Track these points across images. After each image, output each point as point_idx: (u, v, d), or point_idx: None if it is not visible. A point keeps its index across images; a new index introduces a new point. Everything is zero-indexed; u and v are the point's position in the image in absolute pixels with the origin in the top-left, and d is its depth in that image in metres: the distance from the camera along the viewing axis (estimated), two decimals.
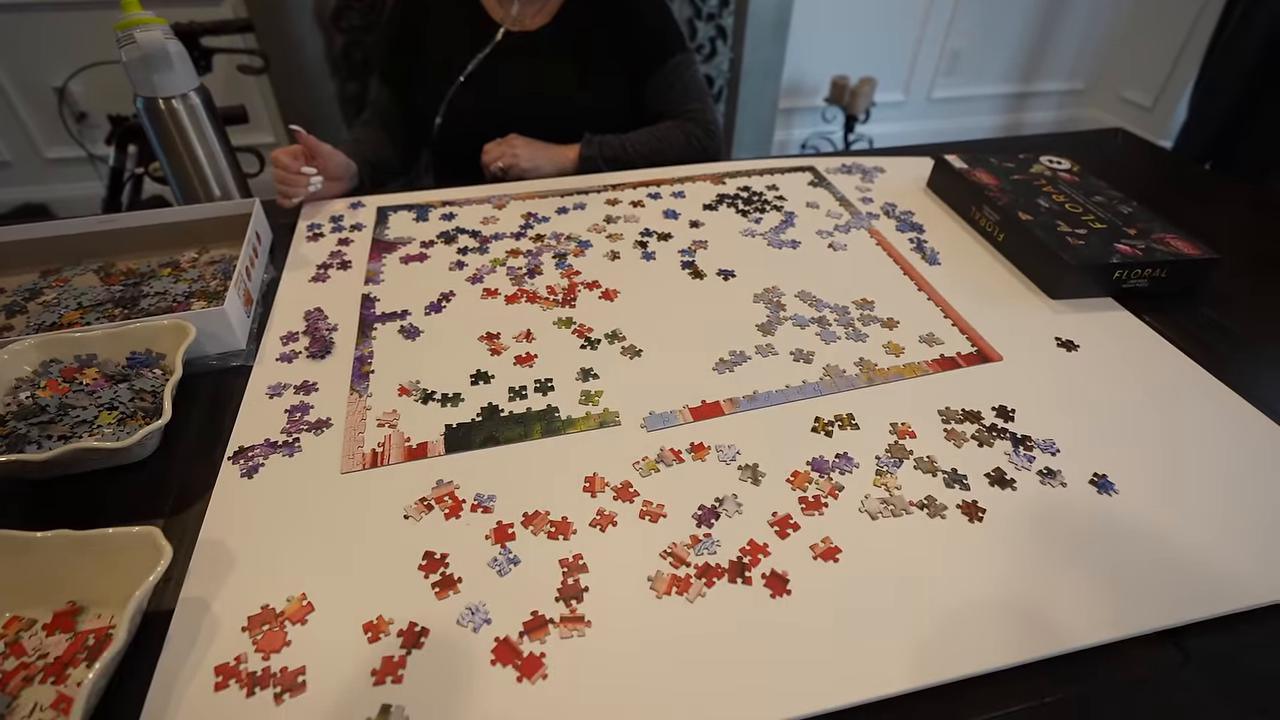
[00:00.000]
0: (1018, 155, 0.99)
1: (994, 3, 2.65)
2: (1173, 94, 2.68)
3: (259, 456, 0.59)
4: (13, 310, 0.75)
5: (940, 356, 0.69)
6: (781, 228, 0.89)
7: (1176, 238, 0.81)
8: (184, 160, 0.84)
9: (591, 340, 0.71)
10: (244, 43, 1.98)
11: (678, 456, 0.59)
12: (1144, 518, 0.54)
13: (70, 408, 0.60)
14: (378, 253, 0.84)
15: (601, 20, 1.03)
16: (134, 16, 0.76)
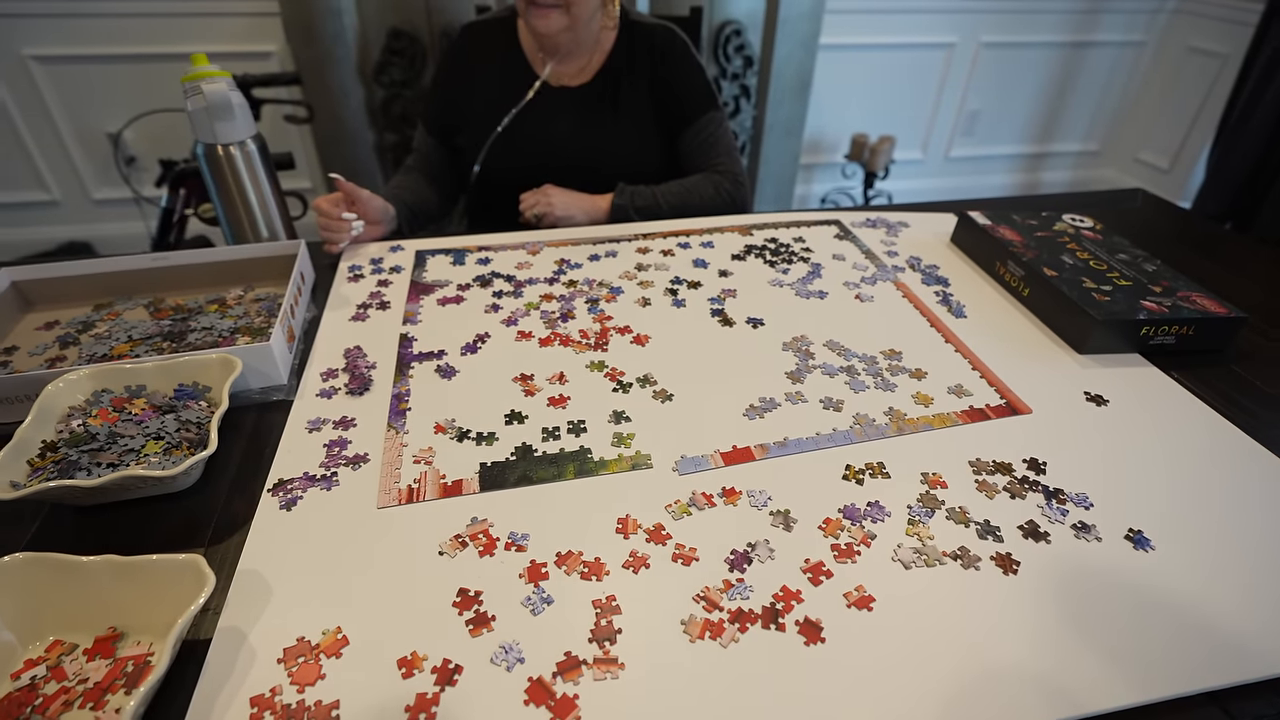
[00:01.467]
0: (1040, 213, 1.01)
1: (1010, 66, 2.73)
2: (1190, 156, 2.71)
3: (298, 489, 0.60)
4: (66, 341, 0.78)
5: (970, 408, 0.70)
6: (809, 278, 0.91)
7: (1202, 296, 0.82)
8: (237, 203, 0.88)
9: (623, 384, 0.72)
10: (289, 94, 2.09)
11: (709, 500, 0.59)
12: (1182, 575, 0.53)
13: (119, 436, 0.62)
14: (416, 294, 0.87)
15: (639, 79, 1.08)
16: (201, 70, 0.81)
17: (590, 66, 1.09)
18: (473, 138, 1.10)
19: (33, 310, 0.84)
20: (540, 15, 0.97)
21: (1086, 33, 2.71)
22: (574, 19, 0.98)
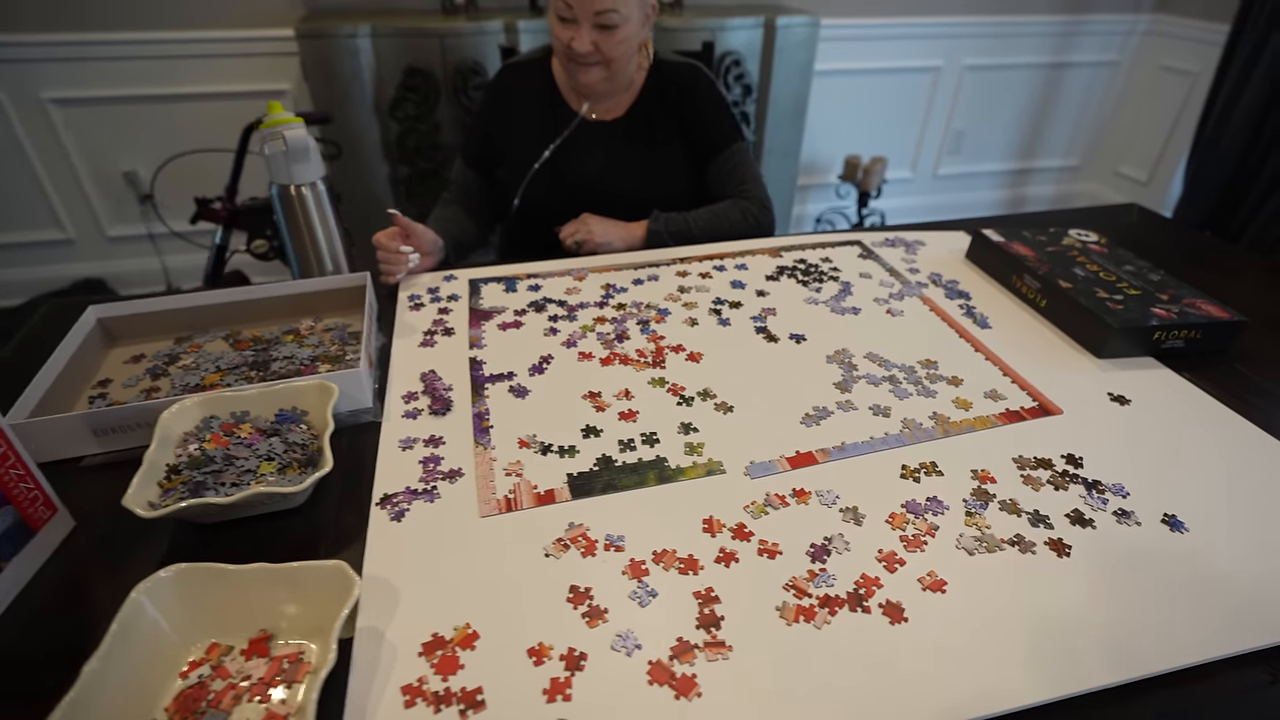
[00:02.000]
0: (1048, 229, 1.09)
1: (992, 87, 2.85)
2: (1167, 169, 2.84)
3: (403, 502, 0.65)
4: (156, 373, 0.83)
5: (1006, 410, 0.76)
6: (841, 296, 0.98)
7: (1205, 302, 0.89)
8: (305, 239, 0.94)
9: (685, 397, 0.78)
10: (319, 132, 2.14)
11: (783, 501, 0.65)
12: (1217, 552, 0.60)
13: (234, 458, 0.66)
14: (477, 320, 0.93)
15: (669, 114, 1.16)
16: (279, 117, 0.87)
17: (623, 103, 1.16)
18: (512, 171, 1.17)
19: (117, 345, 0.89)
20: (584, 71, 1.05)
21: (1064, 54, 2.84)
22: (612, 72, 1.06)
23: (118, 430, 0.71)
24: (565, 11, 1.00)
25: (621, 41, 1.03)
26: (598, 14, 0.99)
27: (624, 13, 1.01)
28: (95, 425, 0.70)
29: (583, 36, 1.01)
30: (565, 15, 1.01)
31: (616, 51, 1.04)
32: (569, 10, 1.00)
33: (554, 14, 1.03)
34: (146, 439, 0.71)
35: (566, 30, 1.02)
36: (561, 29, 1.03)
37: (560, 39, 1.03)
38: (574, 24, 1.01)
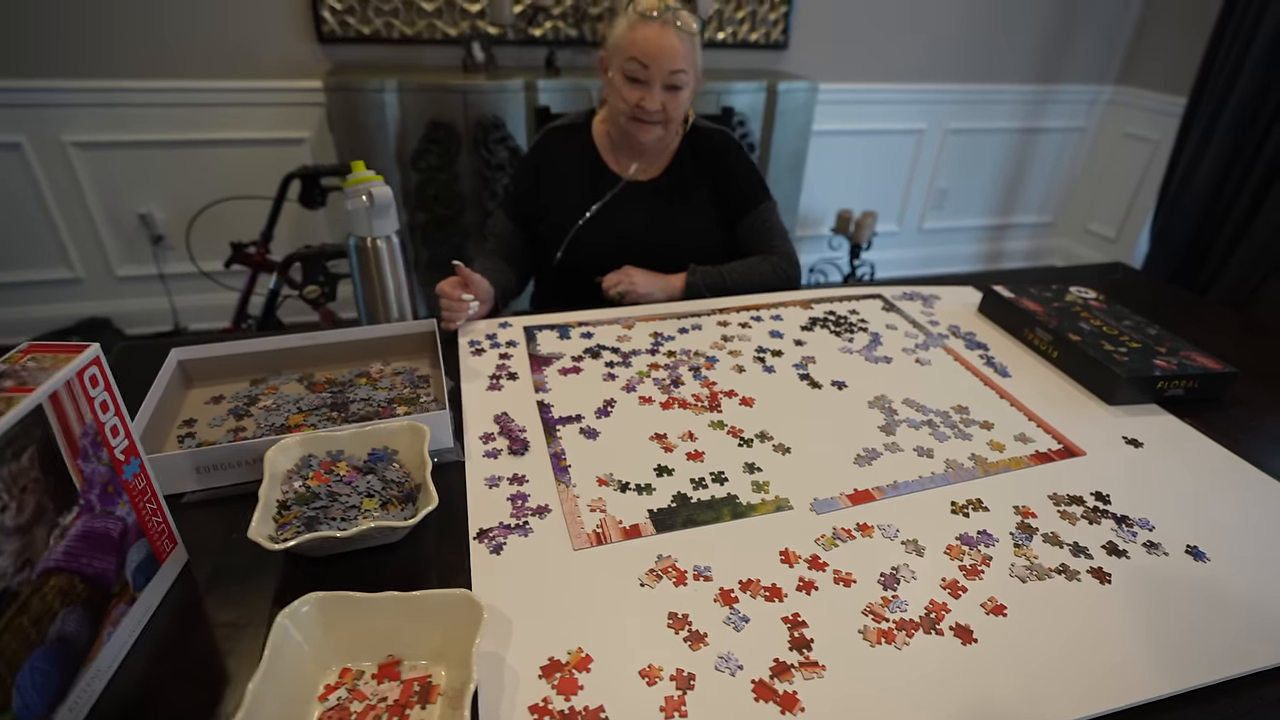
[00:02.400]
0: (1051, 286, 1.19)
1: (972, 149, 3.04)
2: (1134, 226, 3.04)
3: (499, 536, 0.70)
4: (239, 414, 0.87)
5: (1036, 452, 0.84)
6: (872, 346, 1.06)
7: (1198, 355, 0.99)
8: (375, 287, 1.00)
9: (745, 439, 0.85)
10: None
11: (849, 534, 0.71)
12: (1236, 578, 0.67)
13: (337, 495, 0.71)
14: (538, 365, 0.99)
15: (703, 174, 1.25)
16: (364, 175, 0.93)
17: (659, 164, 1.25)
18: (554, 227, 1.24)
19: (194, 386, 0.93)
20: (645, 129, 1.15)
21: (1036, 120, 3.05)
22: (669, 130, 1.18)
23: (217, 468, 0.75)
24: (640, 73, 1.11)
25: (682, 104, 1.15)
26: (671, 73, 1.11)
27: (687, 75, 1.13)
28: (199, 463, 0.74)
29: (653, 96, 1.12)
30: (639, 76, 1.11)
31: (677, 112, 1.16)
32: (644, 72, 1.10)
33: (621, 75, 1.13)
34: (240, 476, 0.76)
35: (636, 91, 1.12)
36: (631, 90, 1.13)
37: (628, 99, 1.13)
38: (645, 85, 1.11)
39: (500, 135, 2.14)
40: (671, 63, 1.10)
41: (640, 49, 1.09)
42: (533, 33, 2.35)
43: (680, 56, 1.10)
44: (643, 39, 1.09)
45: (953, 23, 2.74)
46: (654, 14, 1.09)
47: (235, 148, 2.33)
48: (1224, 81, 2.42)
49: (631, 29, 1.10)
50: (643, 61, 1.09)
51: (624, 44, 1.11)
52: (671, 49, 1.09)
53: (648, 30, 1.09)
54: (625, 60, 1.11)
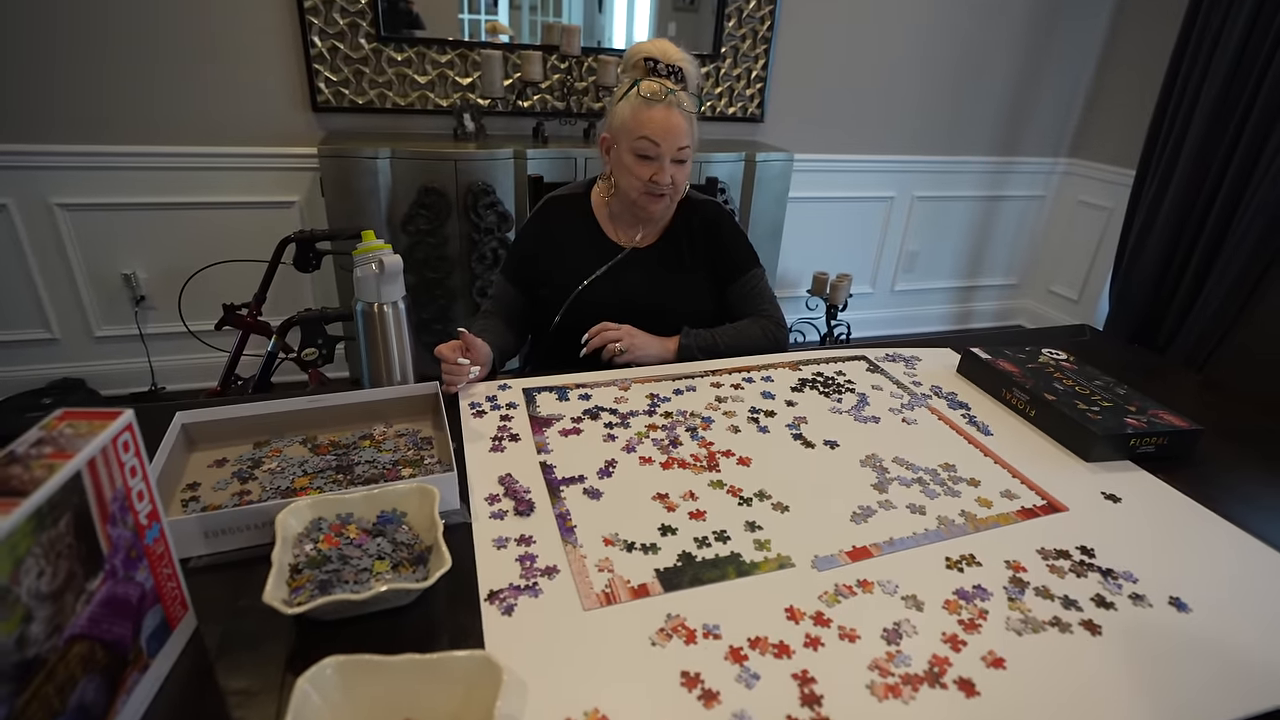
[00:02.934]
0: (1025, 348, 1.26)
1: (940, 215, 3.20)
2: (1094, 288, 3.19)
3: (509, 598, 0.71)
4: (244, 477, 0.87)
5: (1022, 508, 0.88)
6: (860, 406, 1.10)
7: (1166, 413, 1.05)
8: (380, 351, 1.02)
9: (745, 498, 0.87)
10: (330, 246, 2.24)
11: (850, 591, 0.73)
12: (1217, 625, 0.71)
13: (348, 558, 0.71)
14: (538, 427, 1.01)
15: (696, 242, 1.32)
16: (374, 244, 0.97)
17: (656, 231, 1.32)
18: (556, 290, 1.29)
19: (197, 449, 0.93)
20: (657, 201, 1.23)
21: (998, 189, 3.23)
22: (674, 200, 1.26)
23: (225, 532, 0.75)
24: (651, 151, 1.18)
25: (687, 175, 1.24)
26: (679, 149, 1.19)
27: (691, 150, 1.22)
28: (208, 528, 0.74)
29: (664, 170, 1.19)
30: (651, 154, 1.19)
31: (683, 184, 1.24)
32: (656, 149, 1.18)
33: (632, 155, 1.20)
34: (248, 540, 0.76)
35: (649, 167, 1.19)
36: (643, 167, 1.20)
37: (641, 175, 1.20)
38: (656, 161, 1.19)
39: (490, 201, 2.21)
40: (679, 140, 1.18)
41: (651, 129, 1.17)
42: (521, 104, 2.45)
43: (685, 133, 1.19)
44: (651, 120, 1.17)
45: (916, 99, 2.93)
46: (659, 97, 1.16)
47: (224, 210, 2.36)
48: (1168, 155, 2.61)
49: (638, 111, 1.18)
50: (654, 140, 1.17)
51: (633, 125, 1.18)
52: (678, 127, 1.17)
53: (654, 112, 1.17)
54: (636, 140, 1.18)
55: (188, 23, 2.11)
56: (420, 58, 2.32)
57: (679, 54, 1.21)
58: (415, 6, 2.29)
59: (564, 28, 2.32)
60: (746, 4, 2.55)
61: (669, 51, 1.21)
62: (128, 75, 2.12)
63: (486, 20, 2.38)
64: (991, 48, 2.92)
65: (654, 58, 1.19)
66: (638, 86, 1.18)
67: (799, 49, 2.70)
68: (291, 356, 1.68)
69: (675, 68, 1.20)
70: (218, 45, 2.16)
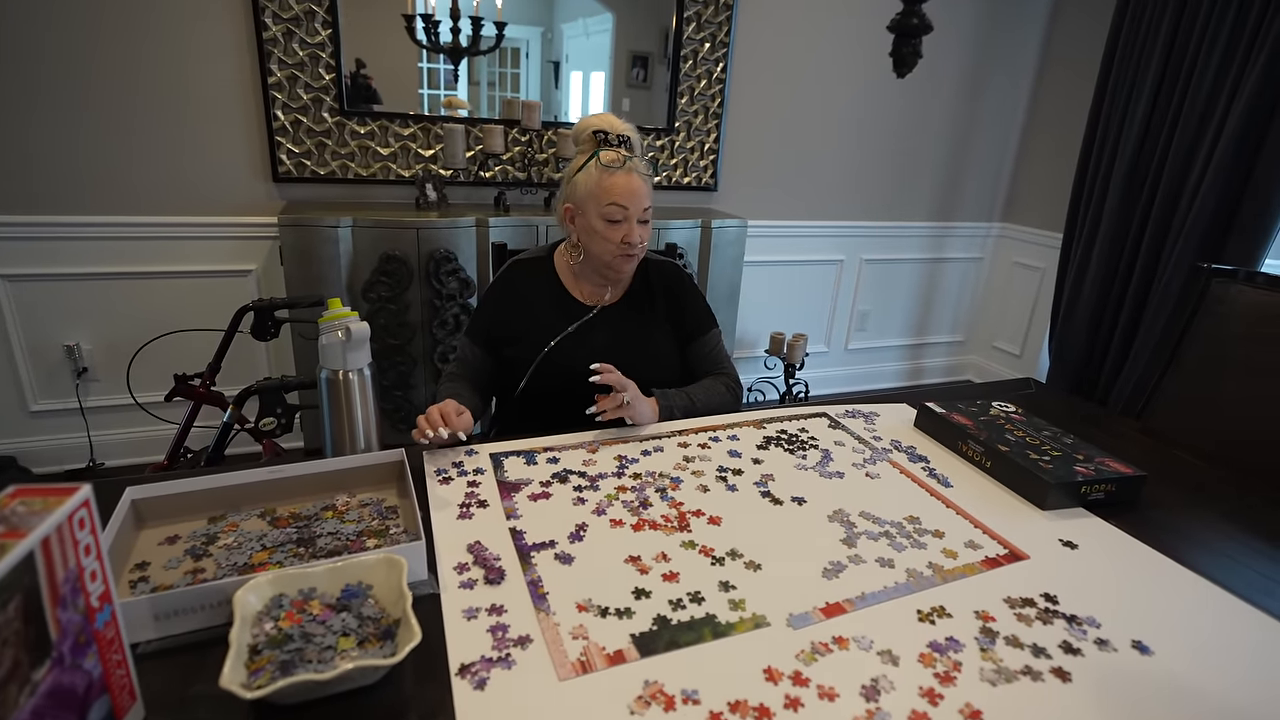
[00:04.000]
0: (976, 401, 1.31)
1: (887, 277, 3.35)
2: (1034, 344, 3.35)
3: (481, 670, 0.69)
4: (198, 554, 0.83)
5: (986, 558, 0.90)
6: (825, 462, 1.12)
7: (1111, 460, 1.10)
8: (344, 419, 1.00)
9: (717, 557, 0.87)
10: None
11: (826, 648, 0.73)
12: (1179, 666, 0.73)
13: (310, 635, 0.68)
14: (507, 492, 1.00)
15: (657, 300, 1.36)
16: (340, 311, 0.97)
17: (619, 291, 1.35)
18: (522, 351, 1.29)
19: (146, 526, 0.89)
20: (628, 261, 1.27)
21: (939, 252, 3.41)
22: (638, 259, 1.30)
23: (177, 614, 0.71)
24: (620, 215, 1.23)
25: (649, 234, 1.28)
26: (645, 210, 1.25)
27: (650, 210, 1.27)
28: (159, 609, 0.70)
29: (634, 230, 1.24)
30: (619, 218, 1.23)
31: (648, 242, 1.28)
32: (624, 213, 1.23)
33: (602, 220, 1.24)
34: (202, 622, 0.73)
35: (619, 230, 1.24)
36: (614, 230, 1.24)
37: (612, 239, 1.24)
38: (625, 223, 1.23)
39: (452, 268, 2.22)
40: (643, 201, 1.24)
41: (617, 195, 1.22)
42: (483, 175, 2.51)
43: (647, 195, 1.25)
44: (616, 185, 1.22)
45: (858, 170, 3.10)
46: (618, 164, 1.22)
47: (178, 279, 2.32)
48: (1090, 218, 2.81)
49: (603, 179, 1.23)
50: (622, 204, 1.22)
51: (600, 193, 1.23)
52: (639, 190, 1.23)
53: (617, 179, 1.22)
54: (605, 206, 1.23)
55: (143, 93, 2.12)
56: (383, 130, 2.37)
57: (623, 125, 1.28)
58: (374, 83, 2.35)
59: (525, 103, 2.41)
60: (698, 83, 2.70)
61: (614, 124, 1.28)
62: (79, 145, 2.10)
63: (445, 95, 2.46)
64: (923, 122, 3.13)
65: (603, 130, 1.26)
66: (598, 157, 1.23)
67: (748, 123, 2.85)
68: (248, 427, 1.63)
69: (624, 137, 1.27)
70: (175, 117, 2.17)
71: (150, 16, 2.07)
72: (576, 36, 2.57)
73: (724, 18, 2.64)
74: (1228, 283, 1.50)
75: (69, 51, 2.02)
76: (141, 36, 2.07)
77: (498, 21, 2.37)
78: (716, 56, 2.69)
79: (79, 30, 2.02)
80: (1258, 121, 2.27)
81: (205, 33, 2.13)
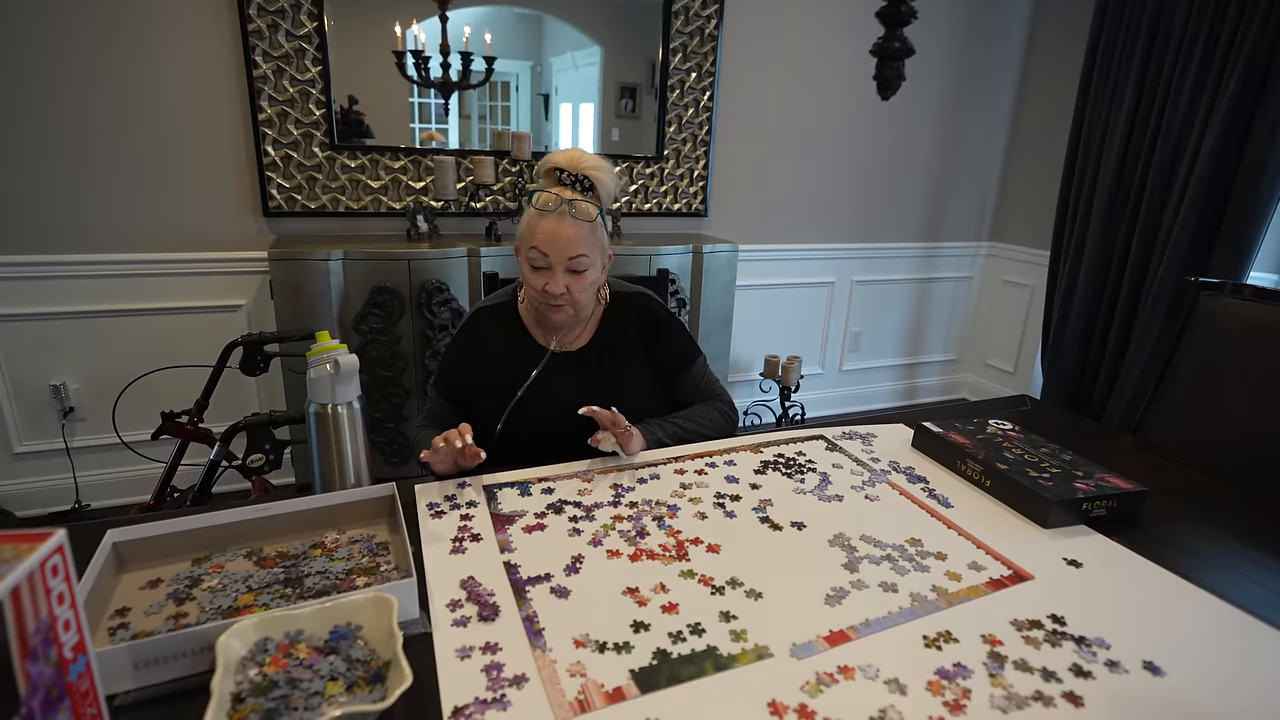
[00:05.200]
0: (973, 420, 1.30)
1: (879, 298, 3.36)
2: (1027, 360, 3.35)
3: (476, 713, 0.66)
4: (180, 597, 0.81)
5: (990, 580, 0.88)
6: (823, 485, 1.11)
7: (1111, 476, 1.09)
8: (333, 454, 0.98)
9: (717, 587, 0.85)
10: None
11: (832, 678, 0.71)
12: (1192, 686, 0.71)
13: (297, 681, 0.66)
14: (500, 525, 0.98)
15: (630, 338, 1.31)
16: (329, 344, 0.96)
17: (586, 333, 1.30)
18: (491, 402, 1.24)
19: (128, 570, 0.86)
20: (555, 310, 1.20)
21: (929, 271, 3.43)
22: (578, 310, 1.22)
23: (159, 662, 0.69)
24: (541, 261, 1.16)
25: (589, 285, 1.20)
26: (571, 259, 1.15)
27: (590, 258, 1.18)
28: (138, 657, 0.68)
29: (557, 280, 1.16)
30: (541, 264, 1.17)
31: (583, 294, 1.19)
32: (545, 259, 1.16)
33: (527, 264, 1.19)
34: (184, 669, 0.70)
35: (541, 277, 1.17)
36: (536, 276, 1.18)
37: (534, 285, 1.18)
38: (548, 270, 1.17)
39: (444, 298, 2.22)
40: (570, 249, 1.15)
41: (540, 239, 1.15)
42: (474, 205, 2.52)
43: (579, 242, 1.15)
44: (541, 230, 1.15)
45: (847, 192, 3.13)
46: (549, 208, 1.15)
47: (167, 316, 2.31)
48: (1076, 235, 2.83)
49: (532, 222, 1.17)
50: (542, 250, 1.15)
51: (525, 235, 1.18)
52: (568, 238, 1.14)
53: (545, 223, 1.15)
54: (528, 250, 1.17)
55: (132, 131, 2.13)
56: (374, 164, 2.38)
57: (591, 162, 1.18)
58: (366, 119, 2.37)
59: (515, 134, 2.43)
60: (685, 111, 2.73)
61: (579, 161, 1.18)
62: (67, 183, 2.10)
63: (423, 129, 2.47)
64: (908, 143, 3.18)
65: (561, 167, 1.18)
66: (534, 198, 1.18)
67: (736, 149, 2.88)
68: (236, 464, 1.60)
69: (581, 176, 1.17)
70: (165, 154, 2.18)
71: (139, 54, 2.08)
72: (565, 70, 2.61)
73: (709, 48, 2.69)
74: (1216, 295, 1.51)
75: (59, 90, 2.03)
76: (130, 74, 2.09)
77: (487, 56, 2.40)
78: (703, 85, 2.73)
79: (68, 67, 2.03)
80: (1235, 136, 2.31)
81: (195, 71, 2.15)
